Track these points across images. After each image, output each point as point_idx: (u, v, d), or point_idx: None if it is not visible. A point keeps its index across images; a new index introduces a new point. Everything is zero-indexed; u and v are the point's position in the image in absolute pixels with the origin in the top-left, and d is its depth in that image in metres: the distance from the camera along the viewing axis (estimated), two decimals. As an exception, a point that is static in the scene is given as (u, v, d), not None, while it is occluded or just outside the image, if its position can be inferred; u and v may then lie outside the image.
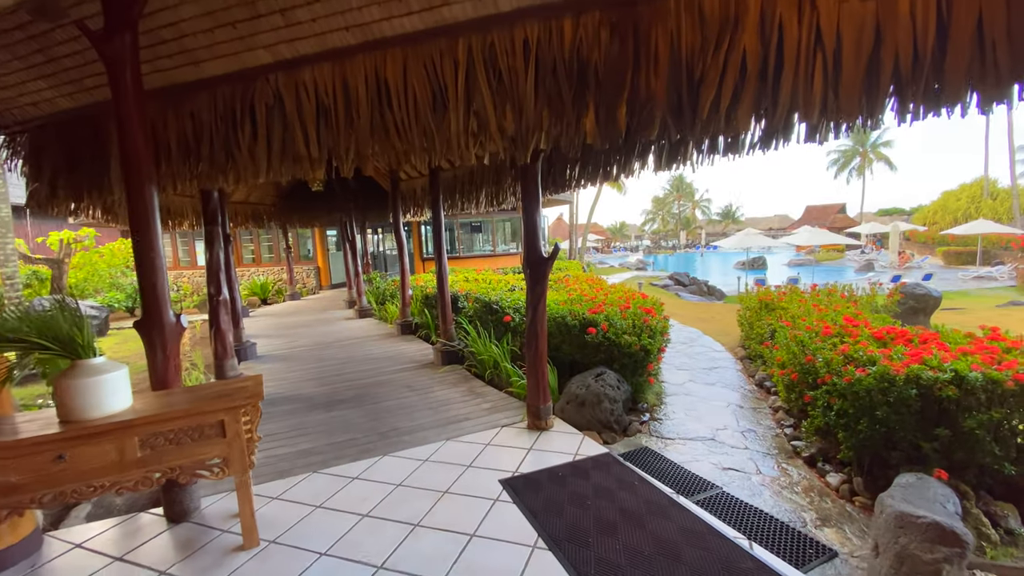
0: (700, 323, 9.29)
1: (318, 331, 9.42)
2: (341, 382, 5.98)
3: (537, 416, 4.14)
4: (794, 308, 5.59)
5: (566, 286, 8.79)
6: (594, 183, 5.21)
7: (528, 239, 4.02)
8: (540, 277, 4.00)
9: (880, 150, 48.35)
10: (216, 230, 5.34)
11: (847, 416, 3.21)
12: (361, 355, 7.27)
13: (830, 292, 6.52)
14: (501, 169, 6.78)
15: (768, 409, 4.73)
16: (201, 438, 2.65)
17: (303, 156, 3.31)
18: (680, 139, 3.88)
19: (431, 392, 5.37)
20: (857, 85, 2.15)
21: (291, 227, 16.42)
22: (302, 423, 4.69)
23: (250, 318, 11.84)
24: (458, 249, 18.04)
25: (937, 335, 3.58)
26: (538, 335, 4.08)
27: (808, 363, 3.83)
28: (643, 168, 4.45)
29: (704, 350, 7.07)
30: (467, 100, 2.84)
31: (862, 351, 3.40)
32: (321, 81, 3.21)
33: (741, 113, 2.34)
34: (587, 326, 5.10)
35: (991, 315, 8.67)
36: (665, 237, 65.06)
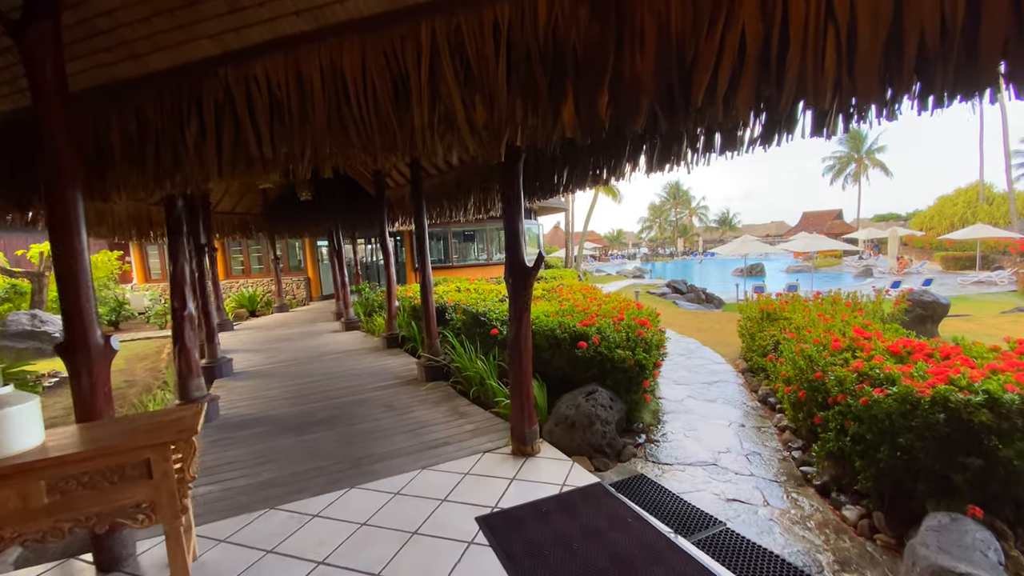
0: (699, 333, 8.95)
1: (301, 345, 9.05)
2: (317, 401, 5.61)
3: (522, 441, 3.78)
4: (797, 318, 5.26)
5: (559, 296, 8.47)
6: (583, 187, 4.91)
7: (510, 246, 3.69)
8: (524, 288, 3.67)
9: (875, 156, 48.39)
10: (180, 240, 5.00)
11: (864, 442, 2.86)
12: (342, 371, 6.90)
13: (834, 300, 6.19)
14: (488, 174, 6.49)
15: (773, 429, 4.37)
16: (122, 480, 2.28)
17: (256, 157, 2.99)
18: (672, 135, 3.58)
19: (411, 412, 5.01)
20: (875, 62, 1.83)
21: (280, 237, 16.11)
22: (269, 449, 4.32)
23: (234, 331, 11.47)
24: (451, 258, 17.73)
25: (959, 349, 3.24)
26: (522, 351, 3.73)
27: (817, 380, 3.49)
28: (634, 170, 4.15)
29: (703, 362, 6.73)
30: (432, 91, 2.52)
31: (878, 368, 3.06)
32: (273, 74, 2.89)
33: (740, 100, 2.02)
34: (578, 339, 4.76)
35: (999, 322, 8.36)
36: (663, 244, 64.92)
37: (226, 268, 17.82)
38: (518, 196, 3.66)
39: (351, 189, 11.24)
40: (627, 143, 4.03)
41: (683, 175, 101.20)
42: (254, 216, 13.64)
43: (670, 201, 64.28)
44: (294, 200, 11.91)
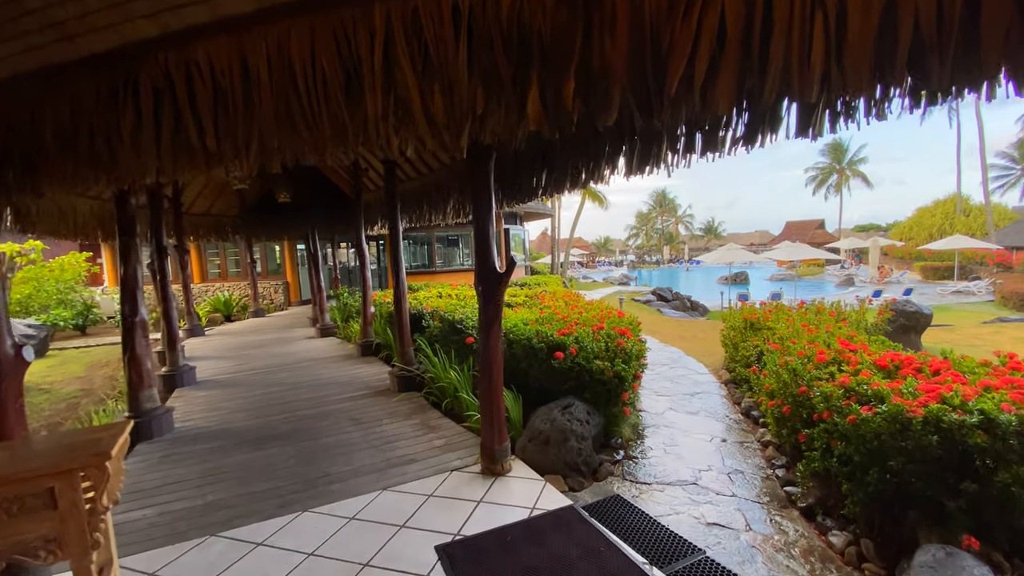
0: (682, 342, 8.80)
1: (273, 352, 8.70)
2: (281, 413, 5.31)
3: (492, 459, 3.54)
4: (781, 328, 5.11)
5: (540, 302, 8.26)
6: (562, 190, 4.70)
7: (480, 251, 3.47)
8: (494, 296, 3.44)
9: (856, 167, 49.28)
10: (132, 241, 4.68)
11: (852, 463, 2.68)
12: (312, 380, 6.59)
13: (818, 310, 6.08)
14: (468, 178, 6.27)
15: (756, 444, 4.19)
16: (22, 511, 2.00)
17: (197, 149, 2.73)
18: (652, 136, 3.39)
19: (379, 426, 4.73)
20: (866, 51, 1.66)
21: (257, 240, 15.70)
22: (220, 467, 4.02)
23: (205, 337, 11.05)
24: (435, 263, 17.43)
25: (949, 363, 3.09)
26: (492, 364, 3.50)
27: (802, 395, 3.31)
28: (613, 172, 3.96)
29: (686, 372, 6.56)
30: (386, 79, 2.29)
31: (865, 383, 2.89)
32: (217, 60, 2.63)
33: (719, 91, 1.83)
34: (555, 349, 4.54)
35: (981, 332, 8.36)
36: (649, 252, 65.27)
37: (202, 271, 17.33)
38: (488, 198, 3.44)
39: (330, 191, 10.96)
40: (606, 144, 3.85)
41: (670, 183, 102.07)
42: (231, 218, 13.26)
43: (657, 209, 64.71)
44: (272, 202, 11.60)
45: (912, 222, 36.88)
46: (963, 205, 33.86)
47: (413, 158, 7.27)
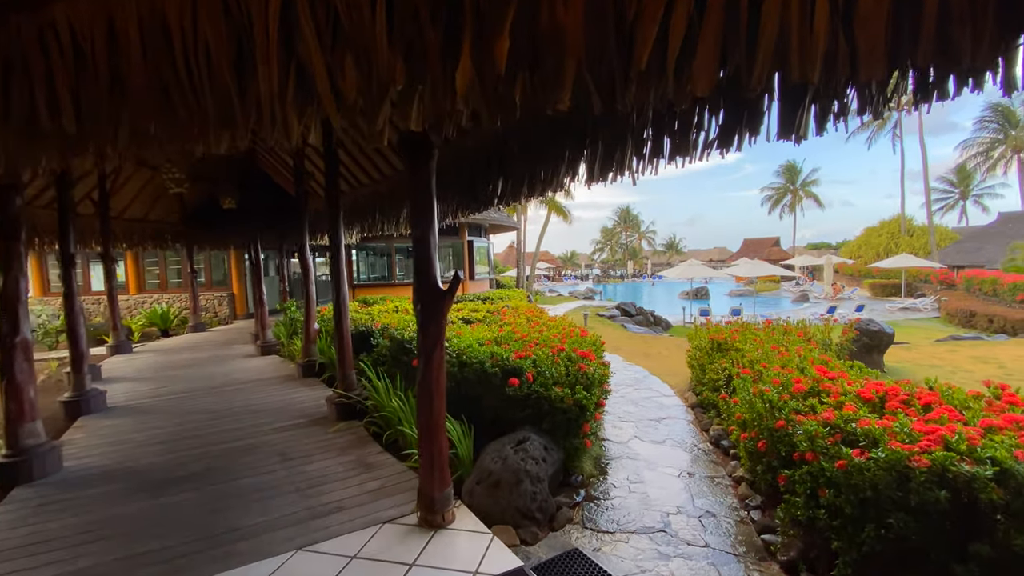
0: (646, 360, 8.51)
1: (204, 372, 7.87)
2: (198, 447, 4.61)
3: (431, 508, 3.02)
4: (750, 349, 4.83)
5: (501, 319, 7.81)
6: (519, 198, 4.30)
7: (419, 265, 2.99)
8: (435, 316, 2.96)
9: (809, 188, 51.57)
10: (14, 247, 3.96)
11: (843, 516, 2.32)
12: (242, 406, 5.88)
13: (785, 329, 5.87)
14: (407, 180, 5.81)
15: (728, 479, 3.84)
16: None
17: (52, 132, 2.16)
18: (615, 140, 3.03)
19: (309, 463, 4.13)
20: (882, 18, 1.30)
21: (201, 249, 14.66)
22: (107, 519, 3.34)
23: (132, 354, 10.02)
24: (394, 275, 16.69)
25: (938, 395, 2.81)
26: (433, 395, 3.00)
27: (780, 430, 2.96)
28: (573, 180, 3.58)
29: (651, 394, 6.22)
30: (285, 49, 1.81)
31: (852, 420, 2.56)
32: (78, 23, 2.09)
33: (699, 67, 1.43)
34: (511, 374, 4.09)
35: (937, 351, 8.45)
36: (614, 267, 66.09)
37: (139, 282, 16.04)
38: (429, 203, 2.98)
39: (278, 197, 10.25)
40: (565, 149, 3.46)
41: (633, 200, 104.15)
42: (171, 224, 12.29)
43: (621, 225, 65.76)
44: (216, 208, 10.77)
45: (860, 241, 38.65)
46: (907, 226, 35.74)
47: (365, 164, 6.76)
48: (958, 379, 6.56)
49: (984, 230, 32.07)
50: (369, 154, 6.42)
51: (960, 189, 41.95)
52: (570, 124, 3.33)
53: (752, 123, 2.26)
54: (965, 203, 42.74)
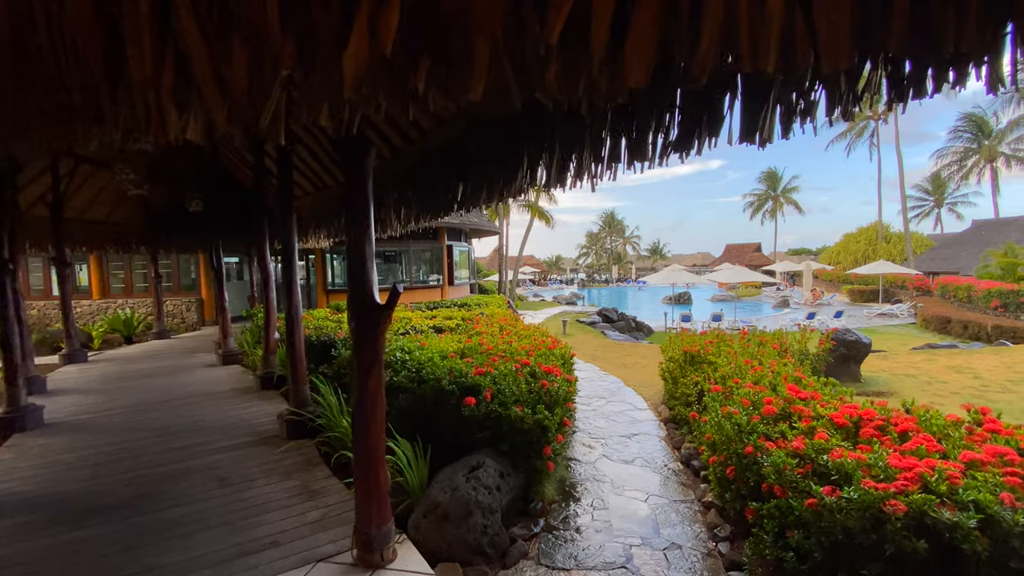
0: (623, 370, 8.31)
1: (158, 384, 7.44)
2: (132, 471, 4.24)
3: (368, 547, 2.73)
4: (722, 362, 4.63)
5: (474, 328, 7.55)
6: (478, 203, 4.04)
7: (355, 275, 2.70)
8: (372, 334, 2.67)
9: (789, 195, 52.30)
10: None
11: (811, 559, 2.09)
12: (191, 422, 5.50)
13: (761, 341, 5.70)
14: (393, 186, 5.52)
15: (698, 505, 3.61)
16: None
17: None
18: (571, 142, 2.80)
19: (249, 489, 3.80)
20: (849, 0, 1.08)
21: (167, 253, 14.13)
22: (8, 556, 2.99)
23: (87, 364, 9.52)
24: (372, 281, 16.30)
25: (915, 421, 2.61)
26: (369, 423, 2.71)
27: (748, 456, 2.74)
28: (531, 184, 3.34)
29: (624, 408, 5.99)
30: (160, 29, 1.53)
31: (823, 450, 2.34)
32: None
33: (631, 51, 1.19)
34: (468, 392, 3.82)
35: (914, 360, 8.39)
36: (599, 271, 66.26)
37: (103, 286, 15.41)
38: (366, 207, 2.70)
39: (242, 198, 9.86)
40: (523, 153, 3.22)
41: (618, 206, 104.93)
42: (135, 227, 11.82)
43: (606, 230, 66.02)
44: (181, 210, 10.36)
45: (839, 247, 39.20)
46: (884, 232, 36.36)
47: (329, 164, 6.46)
48: (934, 390, 6.48)
49: (958, 237, 32.72)
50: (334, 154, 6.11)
51: (935, 197, 42.90)
52: (528, 126, 3.09)
53: (712, 125, 2.03)
54: (940, 211, 43.74)
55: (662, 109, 2.14)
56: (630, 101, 2.27)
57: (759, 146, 2.03)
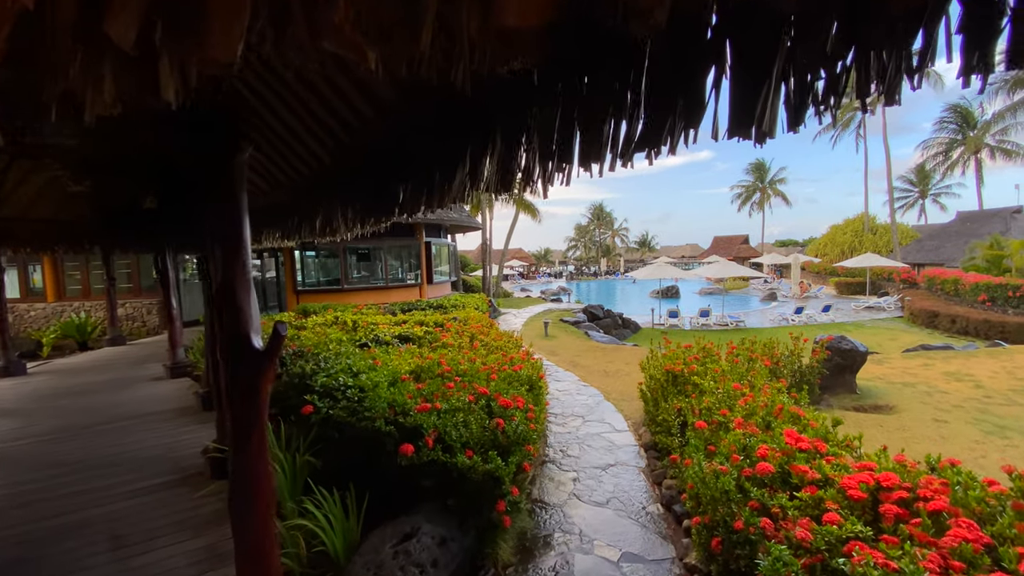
0: (604, 379, 7.76)
1: (91, 404, 6.73)
2: (18, 526, 3.60)
3: (256, 658, 2.12)
4: (709, 386, 4.09)
5: (440, 340, 6.93)
6: (417, 209, 3.44)
7: (224, 314, 2.05)
8: (251, 389, 2.04)
9: (777, 186, 52.18)
10: None
11: None
12: (109, 455, 4.84)
13: (751, 355, 5.17)
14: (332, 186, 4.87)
15: (679, 568, 3.05)
16: None
17: None
18: (512, 140, 2.19)
19: (146, 552, 3.18)
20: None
21: (122, 253, 13.28)
22: None
23: (25, 377, 8.75)
24: (346, 281, 15.51)
25: (947, 493, 2.05)
26: (253, 505, 2.09)
27: (738, 532, 2.17)
28: (474, 188, 2.73)
29: (601, 429, 5.43)
30: None
31: (835, 539, 1.78)
32: None
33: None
34: (409, 435, 3.23)
35: (909, 365, 7.95)
36: (587, 264, 65.84)
37: (58, 288, 14.54)
38: (237, 218, 2.06)
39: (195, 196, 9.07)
40: (467, 154, 2.61)
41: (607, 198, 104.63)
42: (85, 227, 10.99)
43: (595, 222, 65.51)
44: (133, 209, 9.55)
45: (826, 239, 39.09)
46: (870, 224, 36.29)
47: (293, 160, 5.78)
48: (935, 403, 6.02)
49: (943, 228, 32.70)
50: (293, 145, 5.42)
51: (920, 188, 42.97)
52: (467, 121, 2.49)
53: (690, 113, 1.43)
54: (924, 202, 43.87)
55: (618, 91, 1.54)
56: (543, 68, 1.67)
57: (756, 142, 1.44)
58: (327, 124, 3.98)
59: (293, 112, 4.07)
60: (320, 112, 3.92)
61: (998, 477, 2.25)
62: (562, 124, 1.93)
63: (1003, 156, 31.64)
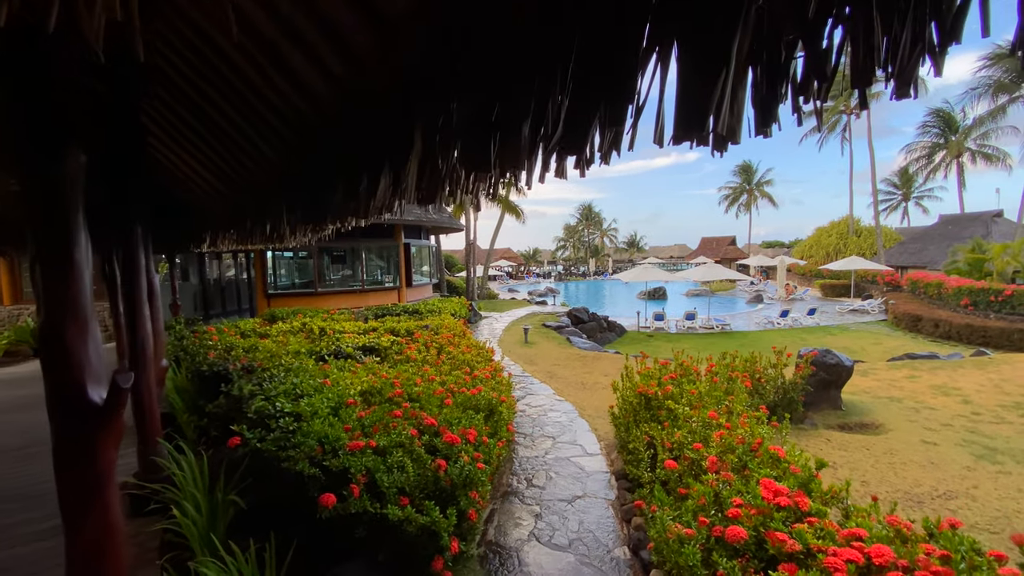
0: (581, 392, 7.39)
1: (18, 423, 6.19)
2: None
3: None
4: (683, 411, 3.73)
5: (405, 351, 6.51)
6: (347, 218, 3.04)
7: (57, 361, 1.62)
8: (88, 458, 1.61)
9: (763, 188, 52.39)
10: None
11: None
12: (21, 486, 4.35)
13: (731, 374, 4.82)
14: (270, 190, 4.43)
15: (641, 633, 2.67)
16: None
17: None
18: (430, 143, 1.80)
19: (24, 619, 2.72)
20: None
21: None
22: None
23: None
24: (320, 283, 14.96)
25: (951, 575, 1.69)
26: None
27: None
28: (399, 200, 2.34)
29: (572, 452, 5.05)
30: None
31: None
32: None
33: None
34: (335, 481, 2.81)
35: (895, 377, 7.69)
36: (576, 264, 65.65)
37: (15, 290, 13.85)
38: (68, 226, 1.63)
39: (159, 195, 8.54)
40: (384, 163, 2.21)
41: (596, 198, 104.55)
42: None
43: (584, 222, 65.32)
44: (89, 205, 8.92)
45: (811, 241, 39.24)
46: (855, 226, 36.49)
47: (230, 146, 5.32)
48: (923, 420, 5.73)
49: (926, 231, 32.92)
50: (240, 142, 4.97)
51: (903, 191, 43.33)
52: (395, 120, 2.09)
53: (612, 107, 1.04)
54: (907, 204, 44.24)
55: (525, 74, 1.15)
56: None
57: (714, 149, 1.05)
58: (268, 120, 3.61)
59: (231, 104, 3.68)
60: (260, 107, 3.54)
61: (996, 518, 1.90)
62: (479, 123, 1.53)
63: (984, 160, 31.90)
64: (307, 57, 2.61)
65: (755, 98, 0.92)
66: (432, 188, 1.94)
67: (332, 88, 2.66)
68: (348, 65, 2.37)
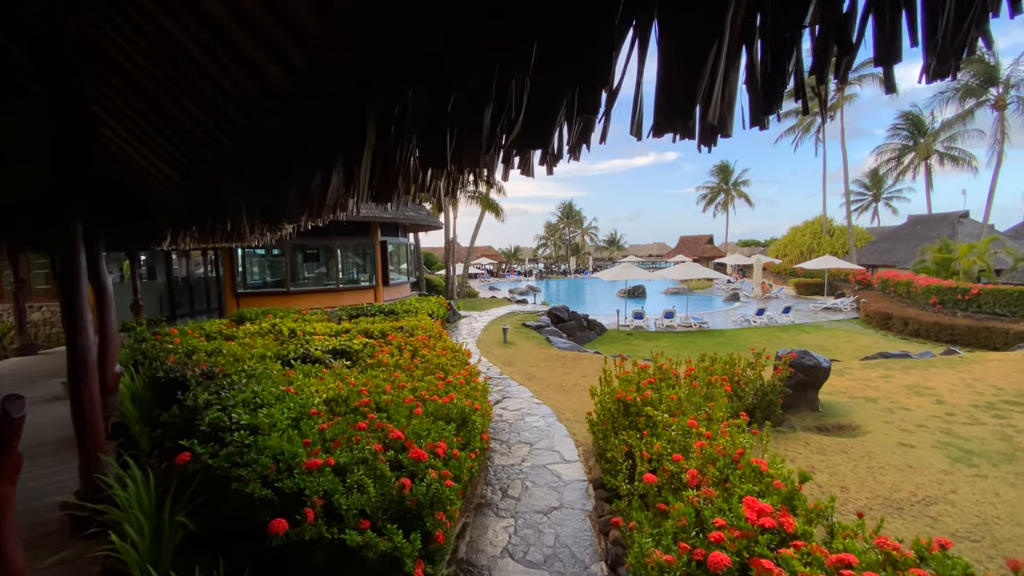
0: (560, 394, 7.25)
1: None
2: None
3: None
4: (662, 418, 3.61)
5: (377, 355, 6.26)
6: (300, 218, 2.81)
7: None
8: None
9: (740, 188, 53.24)
10: None
11: None
12: (-48, 508, 3.97)
13: (710, 379, 4.74)
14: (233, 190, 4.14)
15: (618, 660, 2.52)
16: None
17: None
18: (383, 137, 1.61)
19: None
20: None
21: (36, 253, 11.98)
22: None
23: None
24: (292, 282, 14.48)
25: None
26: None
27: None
28: (354, 199, 2.13)
29: (549, 459, 4.89)
30: None
31: None
32: None
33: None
34: (289, 504, 2.59)
35: (870, 377, 7.77)
36: (557, 262, 65.75)
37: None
38: None
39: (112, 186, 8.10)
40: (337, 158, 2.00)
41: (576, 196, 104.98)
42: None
43: (564, 220, 65.42)
44: (39, 200, 8.44)
45: (786, 240, 40.03)
46: (828, 226, 37.34)
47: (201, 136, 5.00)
48: (899, 421, 5.75)
49: (895, 231, 33.85)
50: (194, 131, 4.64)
51: (873, 192, 44.49)
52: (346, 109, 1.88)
53: (584, 94, 0.86)
54: (877, 205, 45.45)
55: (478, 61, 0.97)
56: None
57: (701, 143, 0.88)
58: (227, 111, 3.38)
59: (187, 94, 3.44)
60: (218, 98, 3.30)
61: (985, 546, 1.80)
62: (435, 114, 1.34)
63: (951, 162, 32.90)
64: (258, 41, 2.39)
65: (751, 80, 0.76)
66: (386, 185, 1.75)
67: (286, 74, 2.44)
68: (301, 49, 2.16)
